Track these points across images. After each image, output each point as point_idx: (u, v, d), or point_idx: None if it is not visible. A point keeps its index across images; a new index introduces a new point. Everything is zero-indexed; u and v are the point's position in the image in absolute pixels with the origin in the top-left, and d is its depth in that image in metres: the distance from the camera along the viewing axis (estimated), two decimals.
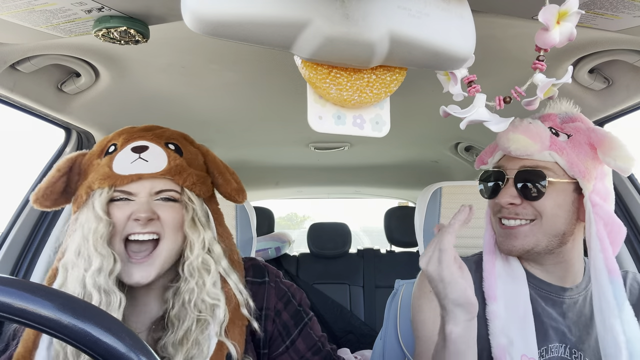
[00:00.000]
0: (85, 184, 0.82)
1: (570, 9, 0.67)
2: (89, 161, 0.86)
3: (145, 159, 0.83)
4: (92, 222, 0.79)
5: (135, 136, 0.87)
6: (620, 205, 1.47)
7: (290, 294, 0.98)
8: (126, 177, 0.80)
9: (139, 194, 0.81)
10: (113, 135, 0.90)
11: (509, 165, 0.91)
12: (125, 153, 0.83)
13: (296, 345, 0.94)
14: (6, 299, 0.42)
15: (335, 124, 0.78)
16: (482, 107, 0.81)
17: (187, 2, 0.59)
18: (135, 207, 0.80)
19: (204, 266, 0.84)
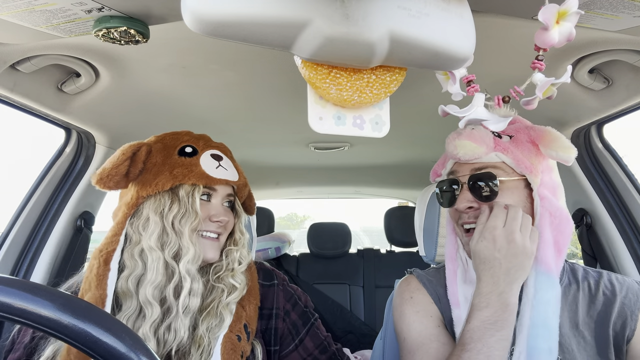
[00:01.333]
0: (166, 174, 0.89)
1: (570, 9, 0.67)
2: (163, 153, 0.92)
3: (225, 167, 0.95)
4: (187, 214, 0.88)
5: (211, 144, 0.98)
6: (620, 205, 1.47)
7: (297, 296, 1.07)
8: (217, 180, 0.92)
9: (217, 196, 0.94)
10: (187, 137, 0.97)
11: (461, 171, 0.94)
12: (208, 158, 0.94)
13: (305, 343, 1.02)
14: (6, 299, 0.42)
15: (336, 124, 0.78)
16: (481, 107, 0.81)
17: (187, 2, 0.59)
18: (215, 210, 0.93)
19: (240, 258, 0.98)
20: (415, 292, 1.03)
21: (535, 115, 1.04)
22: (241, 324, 0.92)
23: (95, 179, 0.88)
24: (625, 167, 1.48)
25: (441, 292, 1.01)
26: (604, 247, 1.53)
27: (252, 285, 1.00)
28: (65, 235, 1.57)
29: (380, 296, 2.77)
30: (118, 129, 1.60)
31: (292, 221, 24.46)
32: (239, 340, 0.89)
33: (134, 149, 0.90)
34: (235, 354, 0.87)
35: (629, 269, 1.43)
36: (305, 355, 1.01)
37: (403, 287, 1.07)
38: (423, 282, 1.04)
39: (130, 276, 0.85)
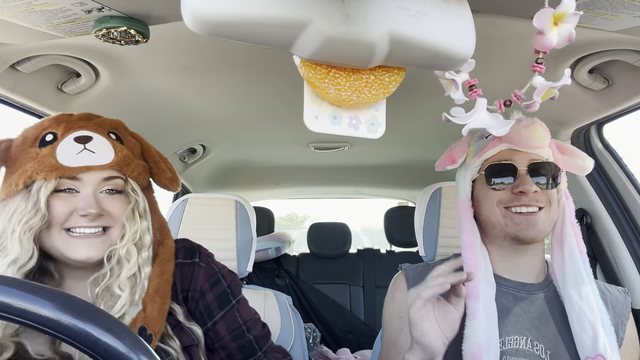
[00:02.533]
0: (19, 172, 0.78)
1: (567, 11, 0.67)
2: (21, 148, 0.82)
3: (92, 149, 0.81)
4: (27, 213, 0.76)
5: (76, 125, 0.83)
6: (620, 205, 1.47)
7: (221, 275, 0.97)
8: (74, 168, 0.78)
9: (85, 186, 0.80)
10: (49, 123, 0.84)
11: (517, 158, 0.97)
12: (69, 143, 0.80)
13: (217, 327, 0.93)
14: (6, 299, 0.42)
15: (331, 124, 0.78)
16: (484, 112, 0.81)
17: (187, 2, 0.59)
18: (82, 203, 0.79)
19: (126, 256, 0.83)
20: (397, 291, 1.08)
21: (535, 115, 1.04)
22: (136, 327, 0.79)
23: None
24: (625, 167, 1.48)
25: None
26: (604, 247, 1.53)
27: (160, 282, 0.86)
28: None
29: (380, 296, 2.77)
30: None
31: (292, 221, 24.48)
32: None
33: None
34: None
35: (629, 269, 1.43)
36: (214, 340, 0.93)
37: (390, 286, 1.12)
38: (408, 280, 1.06)
39: None
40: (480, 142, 1.05)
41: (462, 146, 1.06)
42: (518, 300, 0.98)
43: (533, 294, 0.99)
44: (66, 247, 0.79)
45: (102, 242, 0.81)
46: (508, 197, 0.97)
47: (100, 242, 0.81)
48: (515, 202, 0.96)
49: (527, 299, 0.98)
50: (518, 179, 0.96)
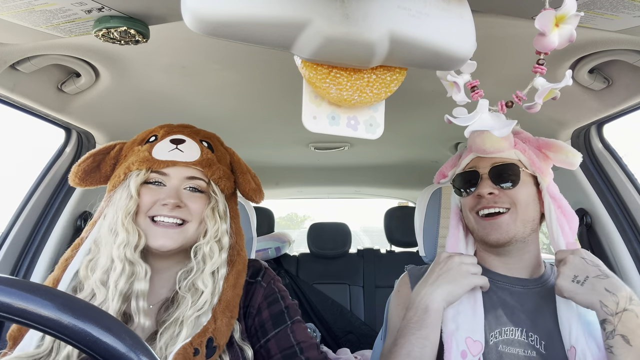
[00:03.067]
0: (124, 165, 0.92)
1: (568, 12, 0.67)
2: (130, 147, 0.96)
3: (182, 149, 0.92)
4: (124, 199, 0.87)
5: (175, 130, 0.97)
6: (620, 205, 1.47)
7: (280, 296, 0.99)
8: (163, 162, 0.89)
9: (171, 179, 0.90)
10: (155, 128, 0.99)
11: (481, 164, 1.04)
12: (165, 143, 0.93)
13: (268, 345, 0.93)
14: (6, 299, 0.42)
15: (330, 124, 0.79)
16: (485, 113, 0.82)
17: (187, 2, 0.59)
18: (165, 193, 0.89)
19: (210, 253, 0.90)
20: (402, 286, 1.16)
21: (535, 115, 1.04)
22: (205, 337, 0.82)
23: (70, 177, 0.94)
24: (625, 167, 1.48)
25: None
26: (604, 247, 1.52)
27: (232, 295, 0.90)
28: (65, 235, 1.57)
29: (380, 296, 2.77)
30: (118, 129, 1.59)
31: (292, 221, 24.48)
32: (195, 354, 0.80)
33: (108, 147, 0.98)
34: None
35: (629, 269, 1.43)
36: (265, 358, 0.93)
37: (398, 282, 1.20)
38: (411, 277, 1.15)
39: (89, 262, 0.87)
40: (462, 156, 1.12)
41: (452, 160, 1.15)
42: (514, 295, 1.03)
43: (528, 289, 1.04)
44: (150, 233, 0.87)
45: (177, 234, 0.88)
46: (472, 202, 1.04)
47: (176, 233, 0.88)
48: (478, 206, 1.02)
49: (523, 294, 1.03)
50: (479, 183, 1.02)
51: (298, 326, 0.96)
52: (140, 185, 0.89)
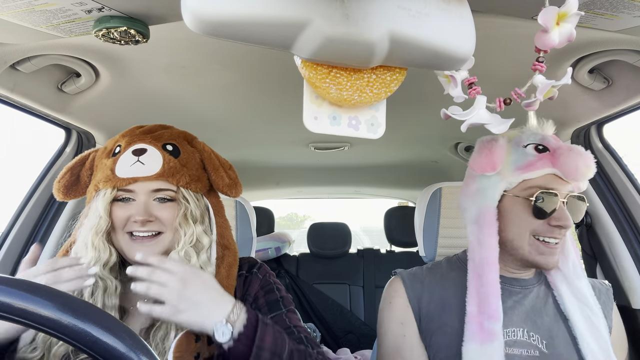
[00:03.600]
0: (93, 182, 0.93)
1: (570, 10, 0.67)
2: (99, 159, 0.96)
3: (143, 162, 0.90)
4: (95, 218, 0.88)
5: (136, 139, 0.94)
6: (620, 205, 1.47)
7: (276, 287, 1.01)
8: (124, 179, 0.88)
9: (138, 194, 0.90)
10: (119, 137, 0.97)
11: (560, 188, 0.96)
12: (127, 156, 0.91)
13: None
14: (6, 299, 0.42)
15: (331, 124, 0.78)
16: (483, 109, 0.81)
17: (187, 2, 0.59)
18: (135, 210, 0.89)
19: (186, 257, 0.90)
20: (394, 296, 1.06)
21: (535, 115, 1.04)
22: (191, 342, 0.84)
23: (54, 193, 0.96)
24: (625, 167, 1.48)
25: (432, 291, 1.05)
26: (604, 247, 1.52)
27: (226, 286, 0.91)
28: (66, 236, 1.57)
29: (380, 296, 2.76)
30: (118, 129, 1.58)
31: (292, 221, 24.47)
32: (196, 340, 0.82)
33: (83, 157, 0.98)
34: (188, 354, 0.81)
35: (629, 269, 1.43)
36: None
37: (386, 291, 1.11)
38: (405, 282, 1.06)
39: None
40: (519, 151, 1.00)
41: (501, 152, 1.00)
42: (513, 295, 1.01)
43: (526, 289, 1.03)
44: (127, 248, 0.89)
45: (154, 245, 0.90)
46: (543, 229, 0.95)
47: (152, 244, 0.90)
48: (548, 234, 0.95)
49: (521, 294, 1.02)
50: (558, 212, 0.94)
51: (293, 315, 0.98)
52: (109, 204, 0.89)
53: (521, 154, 0.99)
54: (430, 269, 1.11)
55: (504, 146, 1.01)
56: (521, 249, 0.97)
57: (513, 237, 0.98)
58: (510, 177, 0.98)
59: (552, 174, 0.96)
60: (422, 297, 1.04)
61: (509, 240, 0.99)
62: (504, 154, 1.00)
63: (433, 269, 1.11)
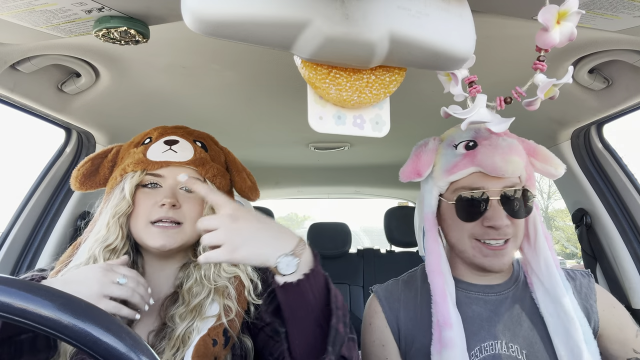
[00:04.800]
0: (120, 167, 0.94)
1: (570, 9, 0.67)
2: (127, 149, 0.98)
3: (175, 150, 0.94)
4: (117, 200, 0.89)
5: (169, 132, 0.99)
6: (620, 205, 1.47)
7: None
8: (156, 162, 0.91)
9: (166, 180, 0.91)
10: (150, 130, 1.01)
11: (490, 186, 0.90)
12: (159, 144, 0.94)
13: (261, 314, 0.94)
14: (6, 299, 0.42)
15: (336, 124, 0.78)
16: (483, 108, 0.81)
17: (187, 2, 0.59)
18: (162, 194, 0.89)
19: None
20: (374, 317, 1.03)
21: (535, 115, 1.04)
22: (221, 328, 0.86)
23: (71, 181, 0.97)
24: (625, 167, 1.48)
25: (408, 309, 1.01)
26: (603, 247, 1.53)
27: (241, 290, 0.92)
28: (66, 235, 1.57)
29: None
30: (118, 129, 1.60)
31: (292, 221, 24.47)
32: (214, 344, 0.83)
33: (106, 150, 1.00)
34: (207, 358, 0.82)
35: (629, 269, 1.43)
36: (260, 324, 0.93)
37: (366, 312, 1.06)
38: (382, 302, 1.03)
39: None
40: (448, 152, 0.97)
41: (429, 156, 0.98)
42: (488, 304, 0.97)
43: (502, 294, 0.98)
44: (147, 235, 0.88)
45: (176, 233, 0.89)
46: (479, 231, 0.92)
47: (175, 233, 0.89)
48: (485, 236, 0.92)
49: (497, 301, 0.98)
50: (489, 210, 0.90)
51: None
52: (135, 188, 0.90)
53: (450, 155, 0.95)
54: (406, 282, 1.07)
55: (434, 150, 0.99)
56: (465, 253, 0.95)
57: (455, 242, 0.96)
58: (440, 182, 0.96)
59: (478, 172, 0.91)
60: (400, 316, 1.00)
61: (452, 244, 0.97)
62: (432, 158, 0.98)
63: (409, 282, 1.07)
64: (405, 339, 0.99)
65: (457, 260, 1.01)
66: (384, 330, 1.00)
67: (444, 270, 0.95)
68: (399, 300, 1.03)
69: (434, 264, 0.96)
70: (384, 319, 1.01)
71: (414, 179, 0.99)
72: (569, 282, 0.99)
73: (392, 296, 1.04)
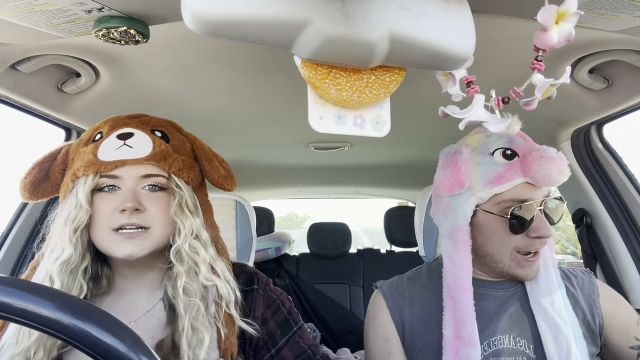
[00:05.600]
0: (70, 172, 0.81)
1: (569, 10, 0.67)
2: (76, 149, 0.84)
3: (130, 145, 0.81)
4: (73, 210, 0.77)
5: (121, 123, 0.85)
6: (620, 205, 1.47)
7: (280, 302, 0.94)
8: (110, 163, 0.78)
9: (125, 181, 0.79)
10: (100, 124, 0.87)
11: (535, 196, 0.89)
12: (111, 140, 0.81)
13: (282, 353, 0.89)
14: (6, 299, 0.42)
15: (336, 124, 0.78)
16: (481, 108, 0.81)
17: (187, 2, 0.59)
18: (121, 198, 0.78)
19: (192, 250, 0.82)
20: (378, 312, 1.03)
21: (535, 115, 1.04)
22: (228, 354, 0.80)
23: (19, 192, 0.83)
24: (625, 167, 1.48)
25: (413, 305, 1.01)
26: (603, 247, 1.53)
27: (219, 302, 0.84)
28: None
29: None
30: None
31: (292, 221, 24.47)
32: None
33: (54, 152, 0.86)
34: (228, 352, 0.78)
35: (629, 269, 1.43)
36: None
37: (370, 307, 1.06)
38: (386, 298, 1.03)
39: None
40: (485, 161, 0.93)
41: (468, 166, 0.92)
42: (497, 300, 0.98)
43: (509, 291, 1.00)
44: (111, 245, 0.78)
45: (144, 240, 0.79)
46: (524, 243, 0.90)
47: (142, 239, 0.79)
48: (531, 247, 0.91)
49: (505, 297, 0.99)
50: (535, 222, 0.89)
51: (303, 331, 0.94)
52: (90, 194, 0.78)
53: (489, 164, 0.92)
54: (411, 279, 1.07)
55: (470, 158, 0.93)
56: (501, 263, 0.94)
57: (494, 253, 0.94)
58: (481, 193, 0.91)
59: (525, 183, 0.90)
60: (405, 312, 1.00)
61: (489, 254, 0.95)
62: (471, 168, 0.92)
63: (414, 279, 1.07)
64: (411, 334, 0.99)
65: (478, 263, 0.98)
66: (387, 325, 1.00)
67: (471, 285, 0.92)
68: (403, 297, 1.03)
69: (464, 279, 0.91)
70: (388, 314, 1.01)
71: (456, 192, 0.92)
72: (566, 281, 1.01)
73: (397, 292, 1.04)
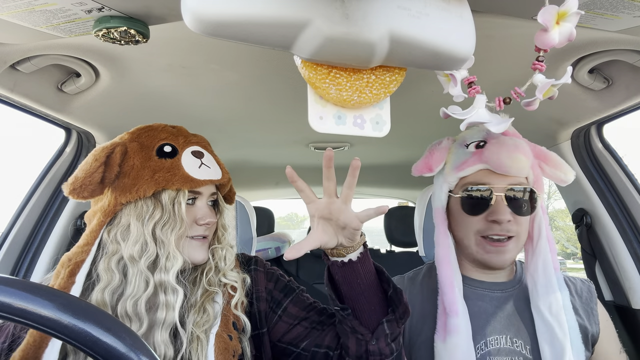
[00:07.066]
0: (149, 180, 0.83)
1: (570, 10, 0.67)
2: (142, 156, 0.85)
3: (208, 165, 0.91)
4: (171, 221, 0.83)
5: (189, 140, 0.93)
6: (620, 205, 1.47)
7: (279, 274, 1.04)
8: (201, 181, 0.87)
9: (202, 197, 0.90)
10: (162, 134, 0.90)
11: (495, 183, 0.95)
12: (190, 158, 0.89)
13: (288, 310, 0.97)
14: (6, 299, 0.42)
15: (336, 124, 0.78)
16: (482, 108, 0.81)
17: (187, 2, 0.59)
18: (201, 213, 0.89)
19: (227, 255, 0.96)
20: None
21: (535, 115, 1.04)
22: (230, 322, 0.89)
23: (67, 189, 0.82)
24: (625, 167, 1.48)
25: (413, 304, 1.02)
26: (603, 246, 1.53)
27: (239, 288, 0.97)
28: (65, 236, 1.57)
29: None
30: (118, 129, 1.59)
31: (292, 221, 24.49)
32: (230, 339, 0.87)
33: (107, 151, 0.83)
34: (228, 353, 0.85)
35: (629, 269, 1.43)
36: (291, 320, 0.95)
37: None
38: None
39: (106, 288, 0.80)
40: (459, 151, 1.02)
41: (441, 153, 1.04)
42: (494, 300, 1.00)
43: (507, 292, 1.02)
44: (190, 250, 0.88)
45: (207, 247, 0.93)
46: (483, 226, 0.96)
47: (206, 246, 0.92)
48: (489, 231, 0.95)
49: (502, 298, 1.01)
50: (493, 206, 0.94)
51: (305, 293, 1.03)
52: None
53: (460, 153, 1.01)
54: (411, 279, 1.11)
55: (446, 148, 1.05)
56: (469, 248, 0.99)
57: (461, 237, 1.01)
58: (450, 177, 1.01)
59: (485, 169, 0.96)
60: None
61: (459, 239, 1.02)
62: (444, 156, 1.04)
63: (414, 278, 1.11)
64: (410, 332, 1.02)
65: (463, 257, 1.04)
66: None
67: (452, 261, 0.99)
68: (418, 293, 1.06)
69: (442, 255, 1.01)
70: None
71: (425, 174, 1.05)
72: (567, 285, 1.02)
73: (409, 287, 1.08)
